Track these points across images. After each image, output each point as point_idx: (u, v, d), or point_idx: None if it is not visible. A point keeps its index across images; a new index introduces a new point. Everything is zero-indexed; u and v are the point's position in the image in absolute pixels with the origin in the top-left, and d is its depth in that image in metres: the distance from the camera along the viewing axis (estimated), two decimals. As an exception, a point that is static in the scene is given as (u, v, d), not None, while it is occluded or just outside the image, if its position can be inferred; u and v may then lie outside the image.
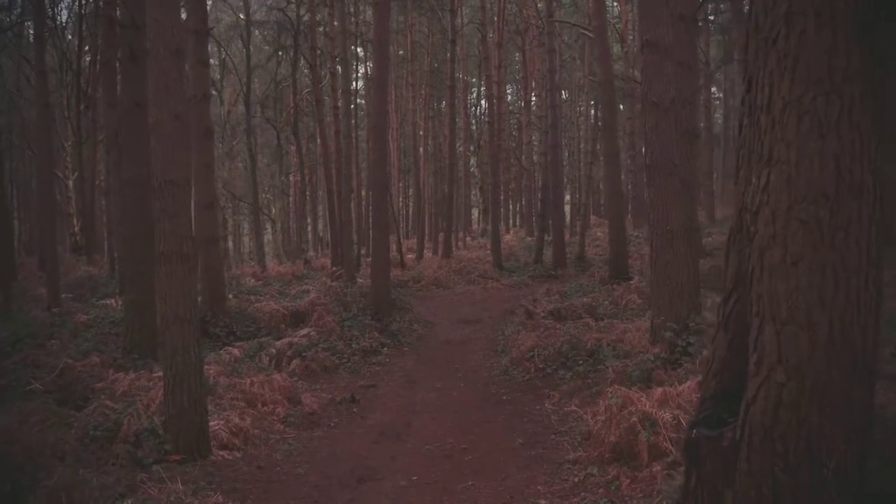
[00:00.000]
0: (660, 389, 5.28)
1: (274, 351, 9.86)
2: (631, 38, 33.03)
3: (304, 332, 10.83)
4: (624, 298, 12.14)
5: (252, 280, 17.86)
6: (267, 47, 34.11)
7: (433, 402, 8.17)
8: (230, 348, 9.80)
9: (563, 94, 31.82)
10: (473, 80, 41.23)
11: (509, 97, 41.21)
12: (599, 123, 19.96)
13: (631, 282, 13.27)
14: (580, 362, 8.39)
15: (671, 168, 7.14)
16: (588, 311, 11.57)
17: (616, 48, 28.10)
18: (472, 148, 39.06)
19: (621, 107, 26.58)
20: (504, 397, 8.15)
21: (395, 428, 7.07)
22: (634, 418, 4.71)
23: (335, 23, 20.39)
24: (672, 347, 6.72)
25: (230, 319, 11.35)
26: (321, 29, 23.47)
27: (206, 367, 8.43)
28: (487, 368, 9.80)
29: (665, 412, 4.73)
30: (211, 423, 6.07)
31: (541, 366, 8.94)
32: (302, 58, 24.41)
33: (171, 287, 5.51)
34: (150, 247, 6.39)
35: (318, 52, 23.05)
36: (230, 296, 13.16)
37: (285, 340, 10.29)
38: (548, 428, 6.56)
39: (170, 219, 5.47)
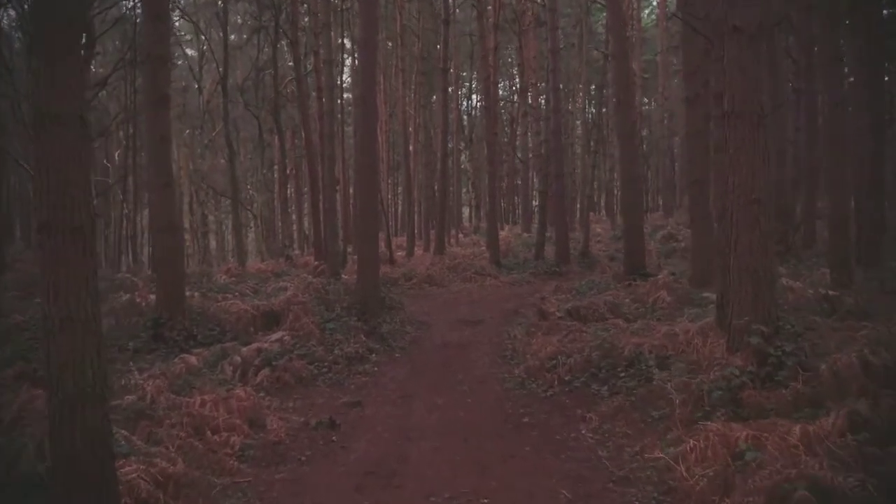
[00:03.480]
0: (797, 428, 3.50)
1: (239, 359, 8.28)
2: (632, 25, 31.61)
3: (276, 336, 9.17)
4: (651, 296, 10.53)
5: (225, 277, 16.06)
6: (245, 36, 32.28)
7: (434, 425, 6.42)
8: (187, 356, 8.15)
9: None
10: (464, 73, 39.61)
11: (501, 92, 39.56)
12: (614, 100, 18.14)
13: (657, 277, 11.54)
14: (620, 374, 6.69)
15: (759, 116, 5.39)
16: (611, 310, 10.05)
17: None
18: (462, 144, 37.39)
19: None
20: (525, 419, 6.41)
21: (386, 465, 5.32)
22: (801, 490, 2.88)
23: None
24: (762, 358, 4.96)
25: (190, 321, 9.60)
26: (304, 7, 21.79)
27: (146, 380, 6.75)
28: (498, 380, 8.07)
29: (844, 477, 2.91)
30: (126, 469, 4.29)
31: (566, 378, 7.27)
32: (284, 38, 22.57)
33: (58, 274, 3.72)
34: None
35: (301, 32, 21.32)
36: (195, 294, 11.47)
37: (253, 346, 8.69)
38: (598, 469, 4.80)
39: (54, 173, 3.69)
